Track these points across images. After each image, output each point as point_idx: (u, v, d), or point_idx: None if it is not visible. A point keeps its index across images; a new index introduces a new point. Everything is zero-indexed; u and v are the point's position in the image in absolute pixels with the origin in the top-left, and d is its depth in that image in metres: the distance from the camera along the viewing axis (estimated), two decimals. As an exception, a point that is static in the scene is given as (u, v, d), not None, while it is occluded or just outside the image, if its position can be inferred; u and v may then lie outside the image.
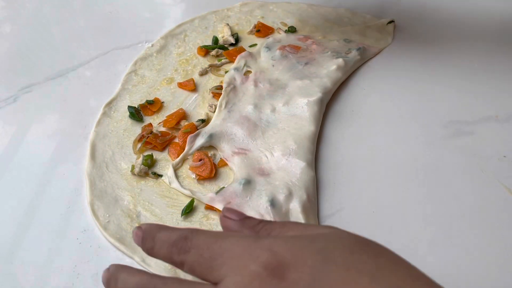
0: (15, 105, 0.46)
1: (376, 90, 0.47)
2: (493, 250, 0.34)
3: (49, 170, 0.40)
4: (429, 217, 0.36)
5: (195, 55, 0.50)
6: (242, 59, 0.48)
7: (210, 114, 0.44)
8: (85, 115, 0.45)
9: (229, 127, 0.42)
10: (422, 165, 0.40)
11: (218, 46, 0.50)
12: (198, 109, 0.45)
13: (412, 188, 0.38)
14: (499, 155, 0.40)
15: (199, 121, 0.43)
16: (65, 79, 0.49)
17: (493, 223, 0.36)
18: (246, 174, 0.38)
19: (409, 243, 0.35)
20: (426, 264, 0.34)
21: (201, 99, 0.46)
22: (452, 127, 0.43)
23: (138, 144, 0.41)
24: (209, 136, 0.41)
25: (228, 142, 0.41)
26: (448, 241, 0.35)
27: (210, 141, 0.41)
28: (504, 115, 0.43)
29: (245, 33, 0.53)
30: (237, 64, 0.48)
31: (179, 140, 0.41)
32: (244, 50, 0.49)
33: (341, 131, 0.43)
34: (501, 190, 0.38)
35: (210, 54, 0.50)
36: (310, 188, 0.37)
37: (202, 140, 0.41)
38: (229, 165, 0.40)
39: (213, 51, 0.50)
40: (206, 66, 0.48)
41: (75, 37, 0.54)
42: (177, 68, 0.49)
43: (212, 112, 0.44)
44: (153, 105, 0.44)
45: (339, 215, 0.37)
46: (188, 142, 0.41)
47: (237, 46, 0.51)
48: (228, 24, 0.53)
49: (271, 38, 0.51)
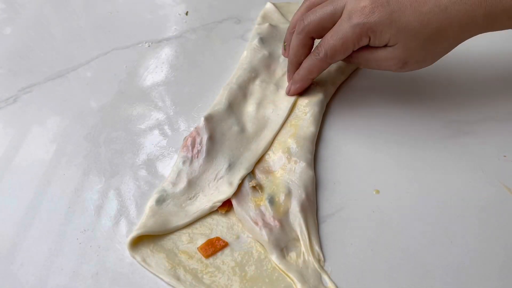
0: (15, 105, 0.46)
1: (376, 90, 0.47)
2: (493, 250, 0.34)
3: (49, 170, 0.40)
4: (429, 217, 0.36)
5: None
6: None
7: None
8: (85, 115, 0.45)
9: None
10: (422, 165, 0.40)
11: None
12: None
13: (412, 188, 0.38)
14: (499, 155, 0.40)
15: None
16: (65, 79, 0.49)
17: (493, 223, 0.36)
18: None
19: (409, 243, 0.35)
20: (426, 264, 0.34)
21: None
22: (452, 127, 0.43)
23: None
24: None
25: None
26: (448, 241, 0.35)
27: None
28: (504, 115, 0.43)
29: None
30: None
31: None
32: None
33: (341, 131, 0.43)
34: (501, 190, 0.38)
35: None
36: (309, 187, 0.37)
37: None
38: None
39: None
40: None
41: (75, 37, 0.54)
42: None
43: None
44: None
45: (339, 215, 0.37)
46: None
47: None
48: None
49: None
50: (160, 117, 0.45)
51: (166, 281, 0.33)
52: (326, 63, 0.39)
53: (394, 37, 0.36)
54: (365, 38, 0.37)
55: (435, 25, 0.35)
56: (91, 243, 0.35)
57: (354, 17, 0.36)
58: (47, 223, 0.37)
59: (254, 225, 0.35)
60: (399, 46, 0.36)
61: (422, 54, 0.37)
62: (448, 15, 0.35)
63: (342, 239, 0.35)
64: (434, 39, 0.36)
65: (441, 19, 0.35)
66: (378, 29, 0.36)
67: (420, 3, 0.35)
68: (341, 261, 0.34)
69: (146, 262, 0.34)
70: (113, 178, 0.40)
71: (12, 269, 0.34)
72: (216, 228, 0.36)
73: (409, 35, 0.35)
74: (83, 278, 0.33)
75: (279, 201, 0.36)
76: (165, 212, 0.36)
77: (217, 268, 0.34)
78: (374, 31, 0.36)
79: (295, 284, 0.33)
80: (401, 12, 0.35)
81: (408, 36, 0.36)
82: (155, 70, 0.49)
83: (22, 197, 0.39)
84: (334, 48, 0.37)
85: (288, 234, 0.35)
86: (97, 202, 0.38)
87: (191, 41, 0.53)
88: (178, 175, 0.38)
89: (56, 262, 0.34)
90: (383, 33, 0.36)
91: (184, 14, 0.56)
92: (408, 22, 0.35)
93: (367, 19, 0.35)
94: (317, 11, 0.39)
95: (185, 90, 0.47)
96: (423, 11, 0.35)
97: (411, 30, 0.35)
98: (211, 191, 0.37)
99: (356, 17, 0.36)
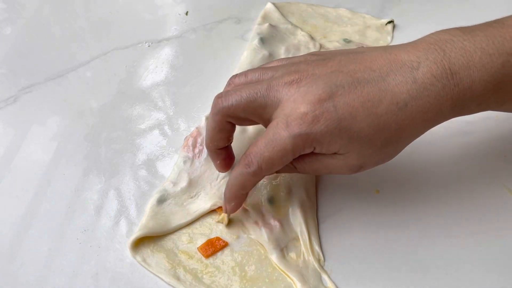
0: (15, 105, 0.46)
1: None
2: (493, 250, 0.34)
3: (49, 170, 0.40)
4: (429, 217, 0.36)
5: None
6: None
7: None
8: (85, 115, 0.45)
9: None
10: (422, 165, 0.40)
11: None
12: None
13: (412, 188, 0.38)
14: (499, 155, 0.40)
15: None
16: (65, 79, 0.49)
17: (493, 223, 0.36)
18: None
19: (409, 243, 0.35)
20: (426, 264, 0.34)
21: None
22: (452, 127, 0.43)
23: None
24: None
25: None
26: (448, 241, 0.35)
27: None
28: (504, 115, 0.43)
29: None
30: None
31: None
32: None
33: (341, 131, 0.43)
34: (501, 190, 0.38)
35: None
36: (309, 187, 0.37)
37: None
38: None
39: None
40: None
41: (75, 37, 0.54)
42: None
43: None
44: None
45: (339, 215, 0.37)
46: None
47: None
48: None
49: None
50: (160, 117, 0.45)
51: (166, 281, 0.33)
52: (261, 176, 0.32)
53: (345, 147, 0.29)
54: (308, 148, 0.30)
55: (393, 126, 0.29)
56: (91, 243, 0.35)
57: (294, 125, 0.29)
58: (47, 223, 0.37)
59: (254, 225, 0.35)
60: (352, 154, 0.30)
61: (380, 157, 0.31)
62: (408, 113, 0.29)
63: (342, 239, 0.35)
64: (393, 141, 0.30)
65: (400, 119, 0.29)
66: (325, 140, 0.29)
67: (374, 103, 0.29)
68: (341, 261, 0.34)
69: (146, 262, 0.34)
70: (113, 178, 0.40)
71: (12, 269, 0.34)
72: (216, 228, 0.36)
73: (363, 143, 0.29)
74: (83, 278, 0.34)
75: (279, 201, 0.36)
76: (166, 212, 0.36)
77: (217, 268, 0.34)
78: (320, 142, 0.29)
79: (295, 284, 0.33)
80: (351, 119, 0.28)
81: (362, 144, 0.29)
82: (155, 70, 0.49)
83: (22, 197, 0.39)
84: (270, 161, 0.30)
85: (288, 234, 0.35)
86: (97, 202, 0.38)
87: (191, 41, 0.53)
88: (179, 175, 0.38)
89: (56, 262, 0.34)
90: (331, 144, 0.29)
91: (184, 14, 0.56)
92: (361, 128, 0.29)
93: (310, 129, 0.28)
94: (242, 90, 0.31)
95: (185, 90, 0.47)
96: (378, 113, 0.29)
97: (364, 137, 0.29)
98: (213, 190, 0.37)
99: (296, 126, 0.29)
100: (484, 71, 0.29)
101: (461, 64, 0.29)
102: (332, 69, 0.30)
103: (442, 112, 0.30)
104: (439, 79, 0.29)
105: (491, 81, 0.29)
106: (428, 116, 0.30)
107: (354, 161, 0.30)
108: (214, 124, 0.33)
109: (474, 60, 0.29)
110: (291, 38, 0.50)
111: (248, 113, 0.31)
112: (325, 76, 0.30)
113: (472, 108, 0.31)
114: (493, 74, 0.29)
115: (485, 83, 0.29)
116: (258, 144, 0.30)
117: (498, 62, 0.29)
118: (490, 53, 0.29)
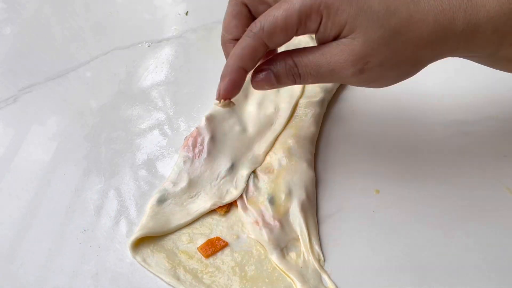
0: (15, 105, 0.46)
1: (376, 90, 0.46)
2: (493, 250, 0.34)
3: (49, 170, 0.40)
4: (429, 217, 0.36)
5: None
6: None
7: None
8: (85, 115, 0.45)
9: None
10: (422, 165, 0.40)
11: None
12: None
13: (412, 188, 0.38)
14: (499, 155, 0.40)
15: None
16: (65, 79, 0.49)
17: (493, 223, 0.36)
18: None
19: (409, 243, 0.35)
20: (426, 264, 0.34)
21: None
22: (452, 127, 0.43)
23: None
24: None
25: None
26: (448, 241, 0.35)
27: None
28: (504, 115, 0.43)
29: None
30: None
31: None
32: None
33: (341, 131, 0.43)
34: (501, 190, 0.38)
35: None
36: (309, 187, 0.37)
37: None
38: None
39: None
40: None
41: (75, 37, 0.54)
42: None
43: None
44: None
45: (339, 215, 0.37)
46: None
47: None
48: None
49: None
50: (160, 117, 0.45)
51: (166, 281, 0.33)
52: (261, 42, 0.30)
53: (353, 20, 0.28)
54: (315, 17, 0.29)
55: (404, 14, 0.28)
56: (91, 243, 0.36)
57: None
58: (47, 223, 0.37)
59: (254, 225, 0.35)
60: (358, 36, 0.29)
61: (387, 54, 0.29)
62: (420, 8, 0.28)
63: (342, 239, 0.35)
64: (403, 32, 0.29)
65: (411, 10, 0.28)
66: (334, 5, 0.28)
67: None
68: (341, 261, 0.34)
69: (146, 262, 0.34)
70: (113, 178, 0.40)
71: (12, 269, 0.34)
72: (216, 228, 0.36)
73: (372, 20, 0.28)
74: (83, 278, 0.34)
75: (279, 201, 0.36)
76: (166, 211, 0.36)
77: (217, 268, 0.34)
78: (329, 6, 0.28)
79: (295, 284, 0.33)
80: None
81: (370, 20, 0.28)
82: (155, 70, 0.49)
83: (22, 197, 0.39)
84: (274, 22, 0.29)
85: (288, 234, 0.35)
86: (97, 202, 0.38)
87: (191, 41, 0.53)
88: (179, 175, 0.38)
89: (56, 262, 0.34)
90: (339, 12, 0.28)
91: (184, 14, 0.56)
92: (372, 4, 0.28)
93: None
94: None
95: (185, 90, 0.47)
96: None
97: (374, 13, 0.28)
98: (213, 190, 0.37)
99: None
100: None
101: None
102: None
103: (455, 23, 0.29)
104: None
105: (506, 3, 0.29)
106: (440, 20, 0.29)
107: (359, 47, 0.29)
108: (230, 8, 0.33)
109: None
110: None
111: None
112: None
113: (488, 35, 0.30)
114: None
115: (499, 3, 0.29)
116: (269, 9, 0.30)
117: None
118: None
